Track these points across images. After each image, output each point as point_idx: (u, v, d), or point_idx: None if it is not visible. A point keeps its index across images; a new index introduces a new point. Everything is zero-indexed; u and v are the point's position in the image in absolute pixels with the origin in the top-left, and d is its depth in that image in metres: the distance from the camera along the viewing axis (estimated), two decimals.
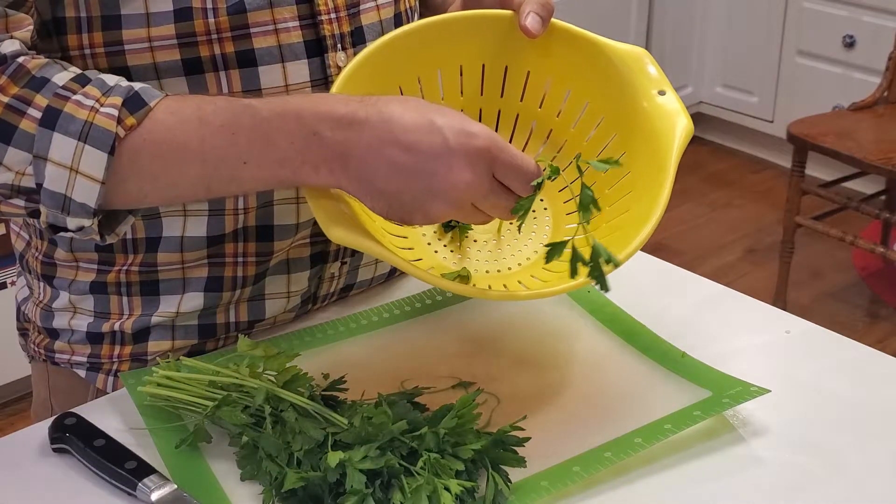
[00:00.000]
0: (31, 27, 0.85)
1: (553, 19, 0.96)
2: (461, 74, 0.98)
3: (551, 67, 0.98)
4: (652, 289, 1.13)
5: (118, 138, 0.81)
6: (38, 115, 0.81)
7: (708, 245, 3.31)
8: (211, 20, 0.90)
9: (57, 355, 1.05)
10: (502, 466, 0.82)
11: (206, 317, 1.02)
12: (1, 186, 0.82)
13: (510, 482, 0.81)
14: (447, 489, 0.78)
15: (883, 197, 3.05)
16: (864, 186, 3.22)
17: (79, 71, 0.84)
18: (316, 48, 0.96)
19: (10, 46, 0.82)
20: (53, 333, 1.05)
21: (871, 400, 0.96)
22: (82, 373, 1.04)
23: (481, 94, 1.00)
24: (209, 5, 0.90)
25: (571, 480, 0.83)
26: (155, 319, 1.01)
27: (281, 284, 1.03)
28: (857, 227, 3.19)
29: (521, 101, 1.00)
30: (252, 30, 0.92)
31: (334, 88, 0.90)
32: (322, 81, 0.96)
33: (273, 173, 0.83)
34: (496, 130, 1.00)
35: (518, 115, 1.00)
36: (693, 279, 1.16)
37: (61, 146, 0.80)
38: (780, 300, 2.91)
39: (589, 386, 0.96)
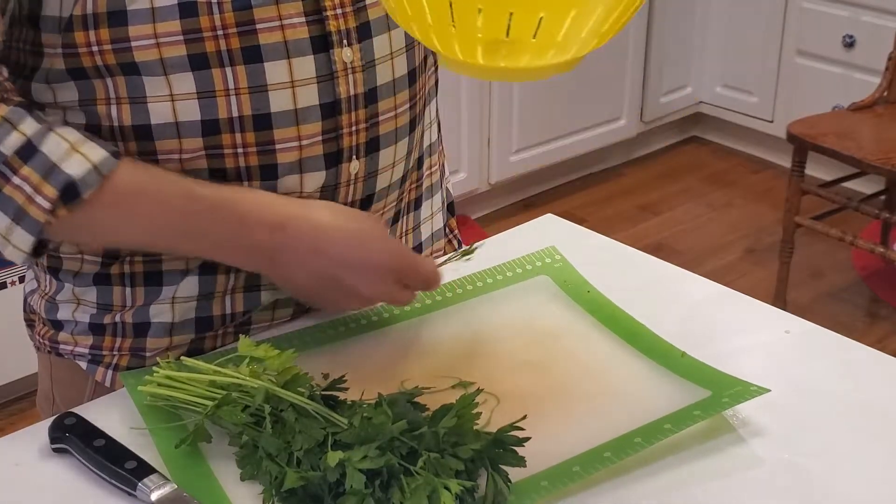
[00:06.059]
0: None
1: None
2: None
3: None
4: (652, 289, 1.13)
5: (47, 224, 0.90)
6: None
7: (708, 245, 3.31)
8: (216, 16, 0.91)
9: (61, 346, 1.06)
10: (502, 466, 0.82)
11: (202, 308, 1.02)
12: None
13: (510, 482, 0.81)
14: (447, 489, 0.78)
15: (883, 197, 3.05)
16: (864, 186, 3.22)
17: (35, 127, 0.88)
18: (322, 44, 0.96)
19: None
20: (57, 325, 1.06)
21: (870, 400, 0.96)
22: (84, 365, 1.05)
23: None
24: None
25: (571, 480, 0.83)
26: (154, 310, 1.01)
27: None
28: (857, 227, 3.19)
29: None
30: (258, 26, 0.92)
31: None
32: (328, 77, 0.96)
33: (207, 254, 0.98)
34: None
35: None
36: (693, 279, 1.16)
37: None
38: (780, 300, 2.91)
39: (589, 386, 0.96)
